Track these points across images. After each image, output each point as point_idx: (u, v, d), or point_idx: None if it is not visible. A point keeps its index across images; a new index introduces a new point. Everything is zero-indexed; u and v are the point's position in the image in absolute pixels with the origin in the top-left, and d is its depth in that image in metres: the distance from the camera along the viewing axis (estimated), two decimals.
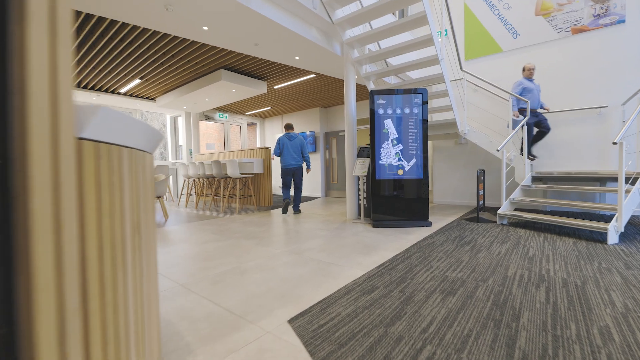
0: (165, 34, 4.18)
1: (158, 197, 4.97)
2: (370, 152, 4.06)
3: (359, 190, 4.56)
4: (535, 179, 4.48)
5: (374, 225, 3.90)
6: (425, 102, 3.93)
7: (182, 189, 7.11)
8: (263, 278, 2.15)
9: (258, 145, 10.58)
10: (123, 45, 4.51)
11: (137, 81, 6.08)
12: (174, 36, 4.26)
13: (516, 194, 4.07)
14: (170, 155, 9.13)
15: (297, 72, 5.77)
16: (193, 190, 8.07)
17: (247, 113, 9.55)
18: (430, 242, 3.05)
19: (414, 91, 3.94)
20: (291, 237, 3.45)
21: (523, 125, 4.27)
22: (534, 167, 4.80)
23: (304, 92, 7.13)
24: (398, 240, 3.16)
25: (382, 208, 3.99)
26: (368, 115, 7.74)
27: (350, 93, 4.49)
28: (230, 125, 9.66)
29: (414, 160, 3.96)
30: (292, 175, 5.13)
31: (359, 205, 4.59)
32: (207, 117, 8.83)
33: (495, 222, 4.06)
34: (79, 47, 4.56)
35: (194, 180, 7.20)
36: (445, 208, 5.54)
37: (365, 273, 2.20)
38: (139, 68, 5.39)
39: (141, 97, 7.33)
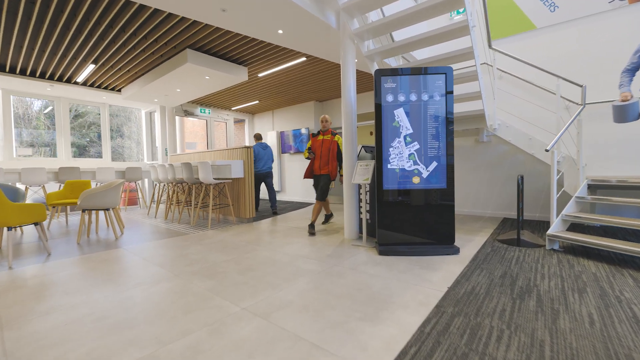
0: None
1: (106, 210, 3.93)
2: (375, 152, 3.04)
3: (360, 201, 3.55)
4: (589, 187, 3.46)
5: (381, 252, 2.88)
6: (450, 89, 2.90)
7: (152, 195, 6.07)
8: None
9: (247, 145, 9.54)
10: (51, 11, 3.47)
11: (91, 66, 5.03)
12: None
13: (569, 209, 3.05)
14: (145, 155, 8.09)
15: (284, 54, 4.74)
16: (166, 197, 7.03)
17: (233, 108, 8.51)
18: (470, 290, 2.03)
19: (435, 71, 2.92)
20: (264, 275, 2.42)
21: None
22: (586, 172, 3.78)
23: (295, 81, 6.09)
24: (419, 285, 2.13)
25: (391, 227, 2.97)
26: (369, 110, 6.71)
27: (349, 76, 3.47)
28: (214, 122, 8.61)
29: (434, 164, 2.94)
30: (264, 179, 5.66)
31: (360, 220, 3.57)
32: (187, 113, 7.79)
33: (544, 245, 3.04)
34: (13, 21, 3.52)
35: (165, 185, 6.18)
36: (466, 221, 4.52)
37: None
38: (87, 45, 4.34)
39: (105, 87, 6.28)
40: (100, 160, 7.19)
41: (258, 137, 5.95)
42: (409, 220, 2.95)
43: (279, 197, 8.68)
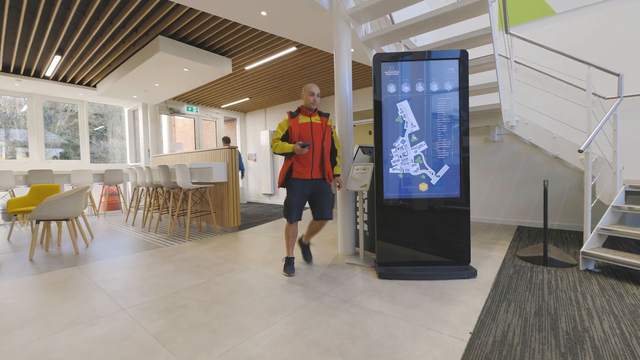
0: None
1: (66, 220, 3.43)
2: (374, 154, 2.54)
3: (356, 209, 3.05)
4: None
5: (381, 275, 2.37)
6: (465, 77, 2.41)
7: (131, 200, 5.56)
8: None
9: (239, 145, 9.04)
10: None
11: (57, 57, 4.51)
12: None
13: (605, 220, 2.56)
14: (128, 157, 7.56)
15: (271, 42, 4.23)
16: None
17: (222, 106, 7.99)
18: (500, 339, 1.53)
19: (446, 55, 2.42)
20: (233, 311, 1.91)
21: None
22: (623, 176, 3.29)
23: (286, 75, 5.58)
24: (432, 329, 1.63)
25: (393, 241, 2.47)
26: (367, 107, 6.21)
27: (344, 65, 2.97)
28: (202, 121, 8.09)
29: (445, 168, 2.44)
30: None
31: (357, 231, 3.07)
32: (172, 111, 7.27)
33: (576, 265, 2.55)
34: None
35: (144, 189, 5.68)
36: (477, 230, 4.02)
37: None
38: (45, 32, 3.82)
39: (79, 83, 5.76)
40: (78, 162, 6.66)
41: (226, 140, 5.84)
42: (414, 236, 2.45)
43: (271, 201, 8.18)
